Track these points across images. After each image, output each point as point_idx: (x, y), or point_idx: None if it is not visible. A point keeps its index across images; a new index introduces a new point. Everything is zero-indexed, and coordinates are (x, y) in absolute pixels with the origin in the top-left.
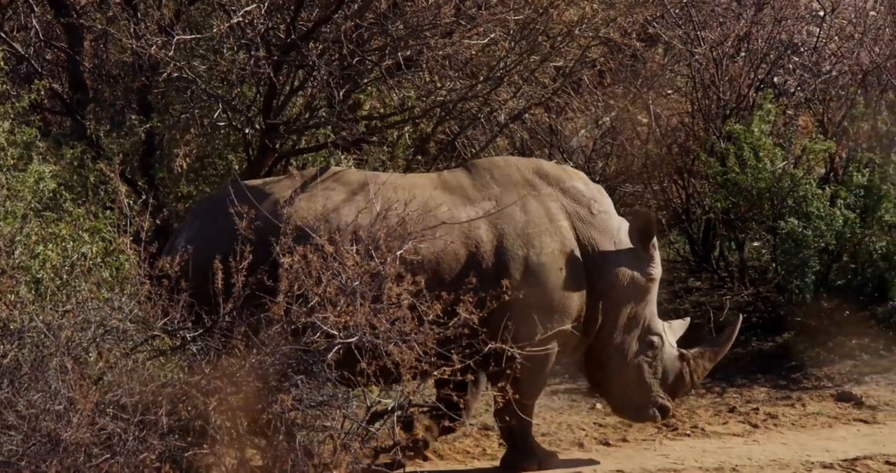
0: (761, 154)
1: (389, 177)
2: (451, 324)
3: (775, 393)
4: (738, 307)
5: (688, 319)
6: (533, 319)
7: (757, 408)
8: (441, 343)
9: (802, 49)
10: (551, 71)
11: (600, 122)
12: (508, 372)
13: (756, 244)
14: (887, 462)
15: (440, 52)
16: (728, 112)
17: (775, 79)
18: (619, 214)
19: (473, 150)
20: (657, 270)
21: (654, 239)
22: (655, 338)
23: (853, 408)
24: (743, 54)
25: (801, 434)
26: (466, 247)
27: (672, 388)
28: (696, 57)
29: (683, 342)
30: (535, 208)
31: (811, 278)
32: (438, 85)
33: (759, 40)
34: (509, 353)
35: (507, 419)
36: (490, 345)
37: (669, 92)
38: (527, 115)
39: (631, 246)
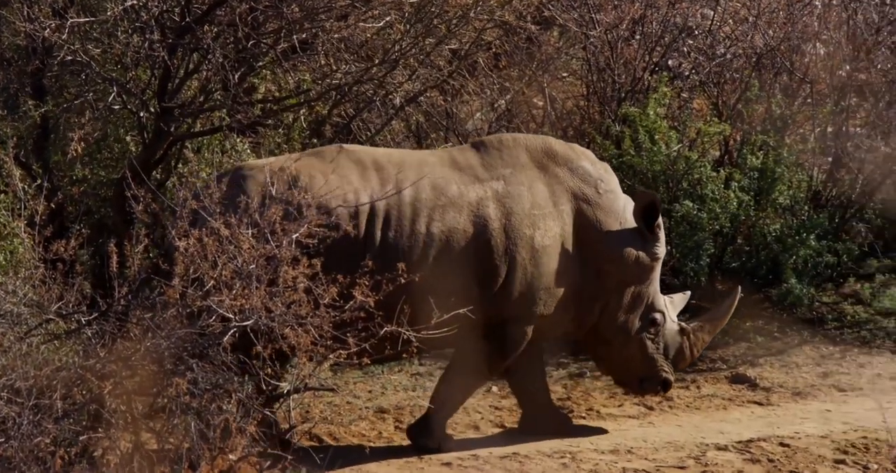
0: (656, 137)
1: (401, 155)
2: (346, 308)
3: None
4: None
5: (688, 293)
6: (530, 297)
7: None
8: (338, 325)
9: (697, 32)
10: (447, 53)
11: (496, 105)
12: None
13: None
14: (781, 444)
15: (335, 35)
16: (623, 95)
17: (670, 62)
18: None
19: (369, 133)
20: (662, 250)
21: (660, 219)
22: (658, 315)
23: (747, 390)
24: (638, 37)
25: (696, 416)
26: (475, 226)
27: (673, 362)
28: (591, 40)
29: None
30: (540, 190)
31: (706, 261)
32: (334, 68)
33: (654, 23)
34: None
35: None
36: (386, 328)
37: (565, 75)
38: (422, 98)
39: (636, 225)
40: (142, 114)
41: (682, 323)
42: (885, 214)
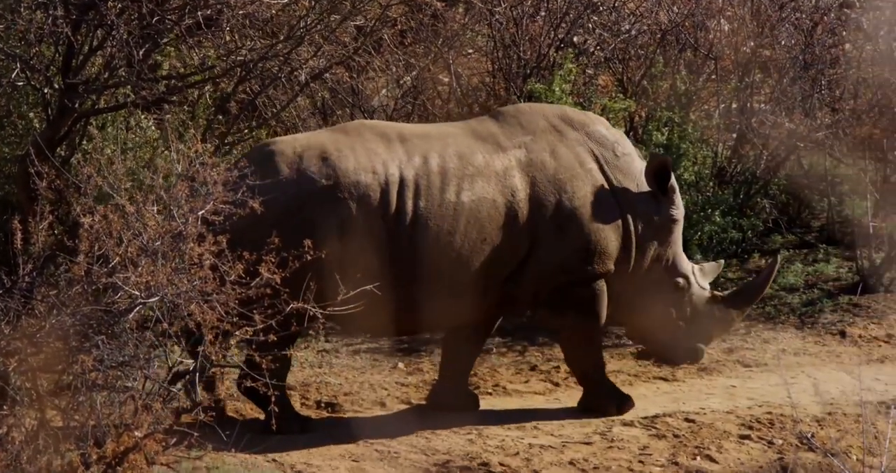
0: None
1: (423, 127)
2: (252, 284)
3: None
4: None
5: (721, 262)
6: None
7: (558, 367)
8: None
9: (602, 8)
10: (352, 30)
11: (401, 82)
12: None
13: None
14: (686, 420)
15: (240, 12)
16: (529, 71)
17: (575, 39)
18: None
19: (274, 110)
20: (679, 211)
21: (674, 182)
22: (681, 280)
23: (653, 366)
24: (543, 13)
25: None
26: (503, 195)
27: (706, 331)
28: (497, 16)
29: None
30: (564, 153)
31: None
32: (239, 44)
33: None
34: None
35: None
36: (292, 305)
37: (470, 51)
38: (328, 75)
39: (649, 189)
40: (46, 91)
41: (715, 292)
42: (789, 190)
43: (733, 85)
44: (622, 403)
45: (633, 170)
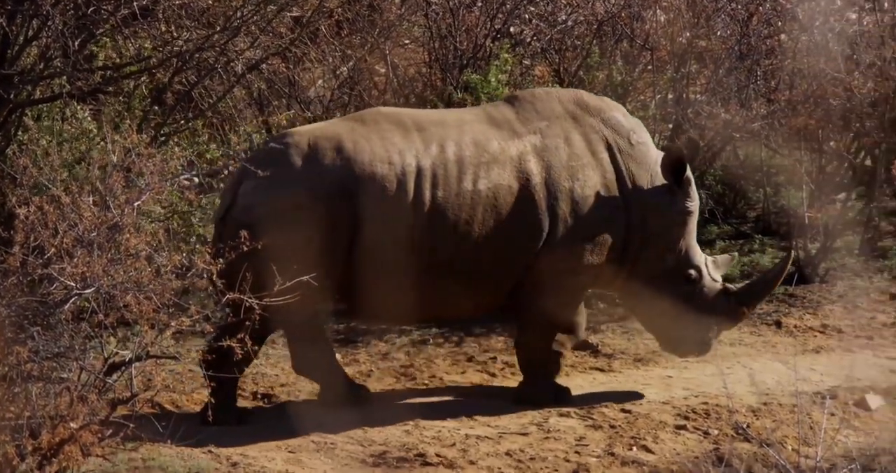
0: None
1: (439, 114)
2: (189, 275)
3: (513, 343)
4: None
5: (735, 254)
6: (575, 250)
7: (495, 357)
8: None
9: None
10: (289, 21)
11: (338, 73)
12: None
13: None
14: (623, 410)
15: (176, 2)
16: (465, 62)
17: (511, 29)
18: None
19: (211, 101)
20: (694, 204)
21: (689, 174)
22: (693, 272)
23: (590, 357)
24: (479, 4)
25: None
26: (518, 181)
27: (715, 323)
28: (433, 7)
29: None
30: (577, 140)
31: None
32: (175, 35)
33: None
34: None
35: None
36: (228, 295)
37: (406, 42)
38: (264, 66)
39: (663, 177)
40: None
41: (728, 284)
42: (725, 180)
43: (669, 75)
44: (560, 395)
45: (648, 159)
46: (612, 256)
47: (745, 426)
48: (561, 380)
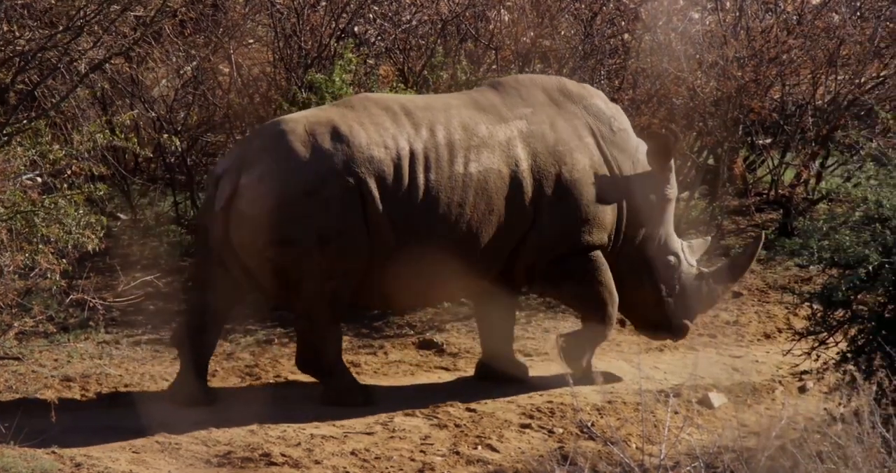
0: None
1: (425, 99)
2: (32, 275)
3: (357, 342)
4: None
5: (708, 238)
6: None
7: None
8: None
9: None
10: (132, 20)
11: (181, 72)
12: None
13: None
14: (468, 409)
15: (18, 1)
16: (310, 62)
17: (356, 29)
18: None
19: (54, 101)
20: (673, 191)
21: (671, 161)
22: (672, 258)
23: (434, 356)
24: (324, 4)
25: (384, 381)
26: (508, 166)
27: (692, 307)
28: (277, 6)
29: None
30: (562, 126)
31: None
32: (17, 34)
33: None
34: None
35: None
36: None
37: (251, 41)
38: (107, 65)
39: (647, 165)
40: None
41: (702, 268)
42: None
43: (513, 75)
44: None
45: (629, 145)
46: (606, 238)
47: (589, 424)
48: (407, 379)
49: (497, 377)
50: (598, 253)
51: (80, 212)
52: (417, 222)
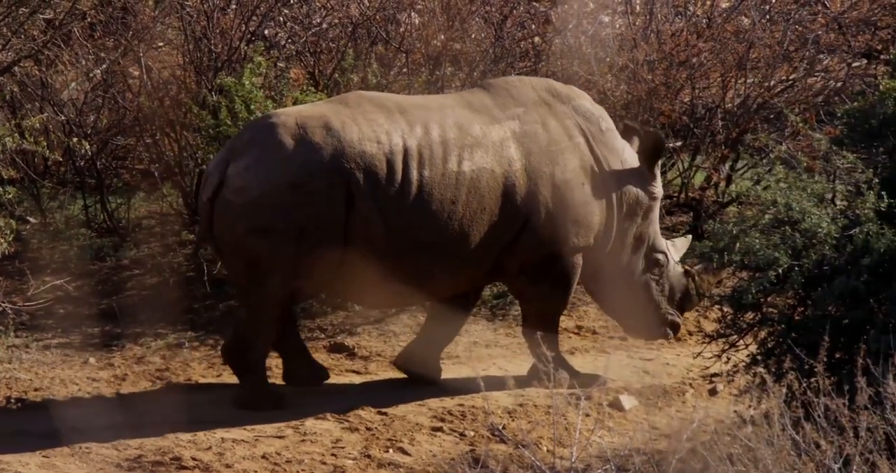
0: (253, 106)
1: (420, 99)
2: None
3: None
4: None
5: (689, 237)
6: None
7: None
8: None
9: (293, 1)
10: (41, 23)
11: (91, 75)
12: None
13: None
14: (379, 413)
15: None
16: (220, 65)
17: (266, 32)
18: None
19: None
20: (659, 189)
21: (660, 159)
22: (661, 256)
23: (346, 359)
24: (234, 6)
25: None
26: (501, 166)
27: (679, 305)
28: (187, 9)
29: None
30: (554, 126)
31: None
32: None
33: None
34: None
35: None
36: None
37: (161, 44)
38: (16, 68)
39: (634, 164)
40: None
41: (687, 266)
42: None
43: (424, 78)
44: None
45: (617, 145)
46: (594, 239)
47: (500, 427)
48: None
49: (412, 375)
50: (579, 258)
51: None
52: (409, 218)
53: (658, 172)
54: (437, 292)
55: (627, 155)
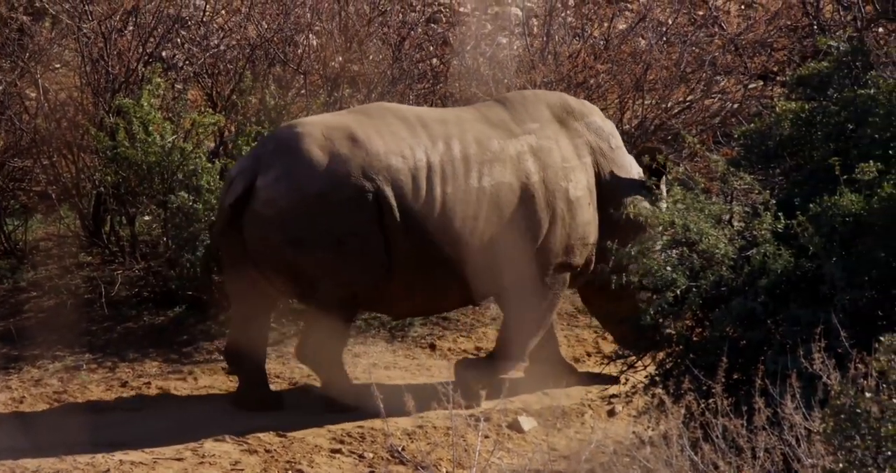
0: (151, 128)
1: (439, 112)
2: None
3: (167, 367)
4: (130, 282)
5: None
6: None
7: (149, 382)
8: None
9: (190, 23)
10: None
11: None
12: None
13: (147, 218)
14: (278, 434)
15: None
16: (117, 86)
17: (164, 54)
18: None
19: None
20: (664, 205)
21: (666, 175)
22: None
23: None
24: (131, 28)
25: (192, 407)
26: (519, 180)
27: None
28: (84, 31)
29: None
30: (566, 144)
31: (202, 251)
32: None
33: (148, 14)
34: None
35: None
36: None
37: (58, 66)
38: None
39: (640, 181)
40: None
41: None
42: None
43: (322, 99)
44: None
45: (626, 162)
46: (584, 260)
47: (400, 448)
48: (220, 403)
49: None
50: (567, 277)
51: None
52: (432, 233)
53: (663, 187)
54: (449, 305)
55: (633, 172)
